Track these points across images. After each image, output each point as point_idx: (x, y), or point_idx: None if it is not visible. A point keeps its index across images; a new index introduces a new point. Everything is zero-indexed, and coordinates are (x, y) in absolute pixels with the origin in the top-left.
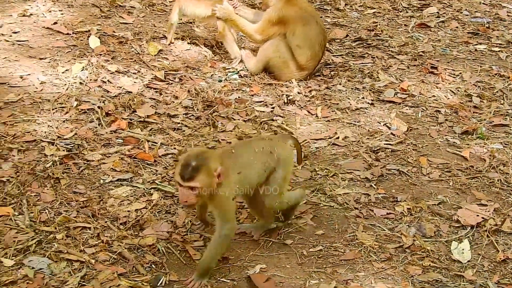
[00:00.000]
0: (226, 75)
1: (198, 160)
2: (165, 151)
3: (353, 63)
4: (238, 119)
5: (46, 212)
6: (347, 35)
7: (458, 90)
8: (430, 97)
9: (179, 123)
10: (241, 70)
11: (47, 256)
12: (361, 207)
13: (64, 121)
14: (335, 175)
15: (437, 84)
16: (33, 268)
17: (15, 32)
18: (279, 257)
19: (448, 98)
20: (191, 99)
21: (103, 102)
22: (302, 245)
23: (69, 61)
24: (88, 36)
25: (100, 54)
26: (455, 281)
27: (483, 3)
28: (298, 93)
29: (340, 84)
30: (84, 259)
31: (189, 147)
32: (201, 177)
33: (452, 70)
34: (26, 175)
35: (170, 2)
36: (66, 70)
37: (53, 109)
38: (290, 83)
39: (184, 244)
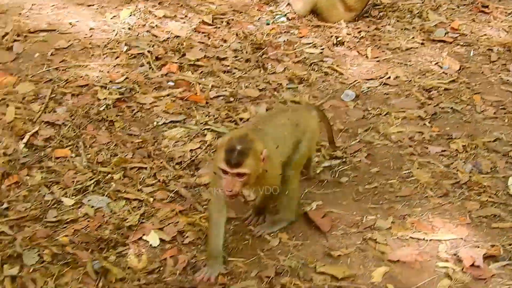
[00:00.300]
0: (274, 18)
1: (244, 143)
2: (216, 93)
3: (402, 4)
4: (288, 61)
5: (102, 154)
6: None
7: (511, 28)
8: (481, 36)
9: (228, 65)
10: (288, 12)
11: (106, 195)
12: (415, 144)
13: (115, 66)
14: (387, 114)
15: (489, 23)
16: (92, 206)
17: None
18: (334, 195)
19: (500, 37)
20: (239, 42)
21: (153, 46)
22: (357, 182)
23: (116, 7)
24: None
25: (147, 0)
26: None
27: None
28: (347, 34)
29: (389, 24)
30: (142, 197)
31: (240, 89)
32: (249, 161)
33: (504, 8)
34: (81, 118)
35: None
36: (114, 16)
37: (103, 55)
38: (338, 24)
39: None
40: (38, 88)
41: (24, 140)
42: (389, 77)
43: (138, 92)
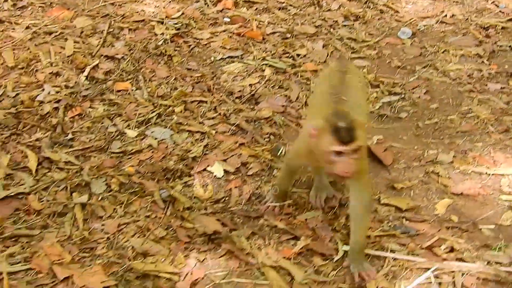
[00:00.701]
0: None
1: (344, 118)
2: (272, 29)
3: None
4: None
5: (162, 87)
6: None
7: None
8: None
9: (283, 2)
10: None
11: (169, 128)
12: (474, 82)
13: (170, 2)
14: (445, 51)
15: None
16: (156, 138)
17: None
18: (394, 129)
19: None
20: None
21: None
22: (417, 118)
23: None
24: None
25: None
26: None
27: None
28: None
29: None
30: (205, 130)
31: (296, 25)
32: (359, 132)
33: None
34: (139, 52)
35: None
36: None
37: None
38: None
39: (298, 119)
40: (95, 22)
41: (85, 73)
42: (445, 15)
43: (194, 27)
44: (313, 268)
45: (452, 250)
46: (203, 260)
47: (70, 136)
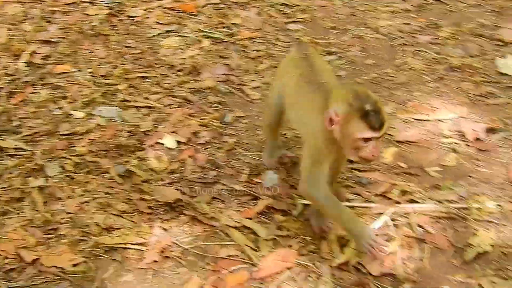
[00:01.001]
0: None
1: (366, 101)
2: (205, 1)
3: None
4: None
5: (103, 67)
6: None
7: None
8: None
9: None
10: None
11: (115, 106)
12: (405, 35)
13: None
14: (375, 9)
15: None
16: (104, 117)
17: None
18: None
19: None
20: None
21: None
22: (355, 74)
23: None
24: None
25: None
26: (508, 93)
27: None
28: None
29: None
30: (151, 104)
31: None
32: (387, 114)
33: None
34: (75, 34)
35: None
36: None
37: None
38: None
39: (240, 86)
40: (26, 8)
41: (23, 60)
42: None
43: (127, 5)
44: (275, 224)
45: (404, 193)
46: (168, 228)
47: (16, 122)
